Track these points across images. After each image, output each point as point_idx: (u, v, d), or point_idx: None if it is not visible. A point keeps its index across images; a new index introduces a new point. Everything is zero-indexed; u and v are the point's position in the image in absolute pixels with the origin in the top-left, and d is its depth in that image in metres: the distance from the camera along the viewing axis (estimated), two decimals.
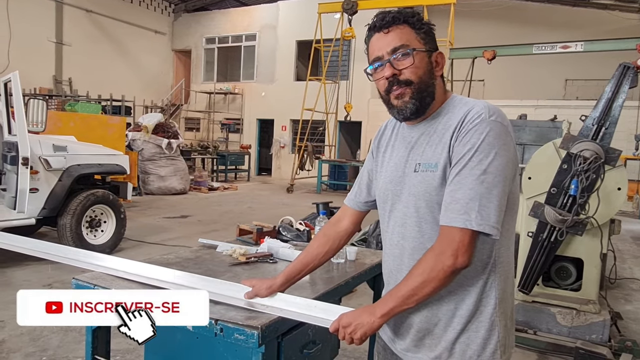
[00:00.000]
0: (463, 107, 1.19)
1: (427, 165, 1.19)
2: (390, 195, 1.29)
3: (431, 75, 1.22)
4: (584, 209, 3.23)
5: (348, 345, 1.19)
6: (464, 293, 1.18)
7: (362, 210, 1.48)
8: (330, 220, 1.55)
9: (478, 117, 1.13)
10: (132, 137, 10.75)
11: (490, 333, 1.19)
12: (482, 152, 1.10)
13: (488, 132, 1.11)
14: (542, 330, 3.46)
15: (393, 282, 1.29)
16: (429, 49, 1.21)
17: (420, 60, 1.20)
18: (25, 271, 4.70)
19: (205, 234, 6.63)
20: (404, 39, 1.19)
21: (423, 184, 1.19)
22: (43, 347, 3.11)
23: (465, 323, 1.19)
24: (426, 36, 1.22)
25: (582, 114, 3.59)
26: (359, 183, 1.47)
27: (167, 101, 19.33)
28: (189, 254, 2.15)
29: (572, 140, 3.29)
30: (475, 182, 1.09)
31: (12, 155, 4.62)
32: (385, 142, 1.37)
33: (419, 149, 1.23)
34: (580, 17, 15.72)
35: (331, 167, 13.96)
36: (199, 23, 19.71)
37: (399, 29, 1.20)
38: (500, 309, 1.20)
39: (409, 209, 1.23)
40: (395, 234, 1.27)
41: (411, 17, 1.21)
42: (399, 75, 1.19)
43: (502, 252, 1.20)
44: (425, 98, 1.21)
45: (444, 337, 1.21)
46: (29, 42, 13.96)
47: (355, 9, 12.41)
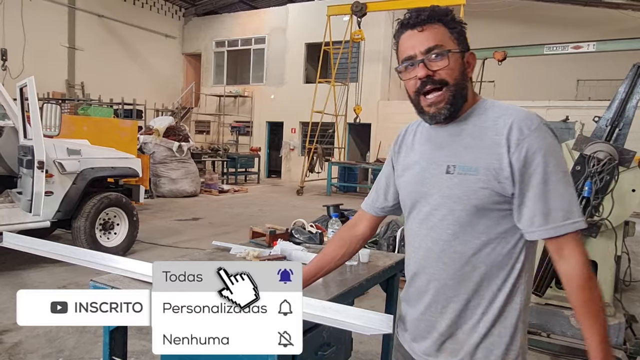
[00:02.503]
0: (499, 112, 1.18)
1: (465, 168, 1.16)
2: (416, 197, 1.26)
3: (464, 77, 1.20)
4: (598, 210, 3.21)
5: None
6: (492, 297, 1.18)
7: (379, 215, 1.47)
8: (347, 223, 1.54)
9: (530, 123, 1.13)
10: (144, 141, 10.85)
11: (513, 339, 1.19)
12: (553, 155, 1.12)
13: (551, 137, 1.14)
14: (556, 333, 3.43)
15: (416, 284, 1.28)
16: (462, 50, 1.19)
17: (455, 61, 1.17)
18: (40, 273, 4.77)
19: (217, 236, 6.67)
20: (439, 39, 1.16)
21: (460, 186, 1.17)
22: (59, 348, 3.15)
23: (489, 327, 1.18)
24: (459, 36, 1.19)
25: (595, 115, 3.56)
26: (376, 188, 1.46)
27: (177, 104, 19.48)
28: (203, 256, 2.18)
29: (585, 142, 3.26)
30: (564, 186, 1.12)
31: (28, 159, 4.69)
32: (407, 146, 1.34)
33: (451, 151, 1.20)
34: (592, 16, 15.58)
35: (341, 169, 13.96)
36: (209, 26, 19.84)
37: (434, 27, 1.17)
38: (524, 315, 1.20)
39: (440, 211, 1.20)
40: (422, 236, 1.25)
41: (445, 16, 1.18)
42: (433, 76, 1.16)
43: (529, 257, 1.21)
44: (459, 101, 1.19)
45: (467, 341, 1.20)
46: (42, 48, 14.16)
47: (364, 11, 12.42)
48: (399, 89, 16.84)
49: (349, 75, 14.24)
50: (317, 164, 13.80)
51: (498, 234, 1.17)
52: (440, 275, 1.21)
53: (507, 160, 1.12)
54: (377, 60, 15.62)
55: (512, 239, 1.17)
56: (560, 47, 9.53)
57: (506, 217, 1.16)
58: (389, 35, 16.06)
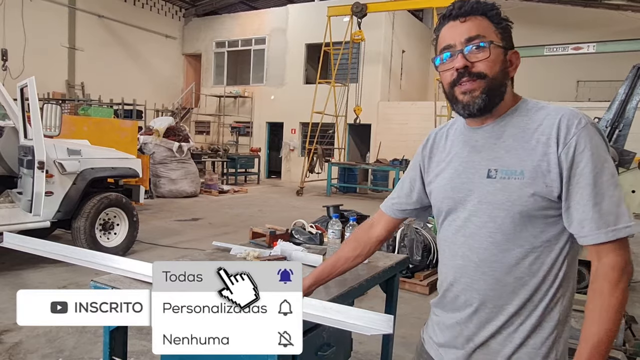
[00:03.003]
0: (545, 111, 1.12)
1: (509, 172, 1.10)
2: (451, 203, 1.20)
3: (505, 74, 1.13)
4: None
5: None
6: (533, 308, 1.12)
7: (398, 217, 1.43)
8: (363, 224, 1.51)
9: (578, 121, 1.06)
10: (144, 141, 10.85)
11: (550, 351, 1.13)
12: (601, 155, 1.05)
13: (596, 134, 1.07)
14: None
15: (452, 294, 1.22)
16: (506, 46, 1.13)
17: (497, 55, 1.11)
18: (40, 273, 4.77)
19: (217, 236, 6.66)
20: (481, 30, 1.11)
21: (504, 192, 1.10)
22: (59, 348, 3.15)
23: (524, 338, 1.12)
24: (504, 32, 1.14)
25: (595, 116, 3.57)
26: (399, 190, 1.41)
27: (177, 105, 19.49)
28: (204, 256, 2.18)
29: None
30: (614, 187, 1.05)
31: (29, 159, 4.69)
32: (439, 149, 1.28)
33: (491, 154, 1.14)
34: (592, 17, 15.60)
35: (341, 170, 13.97)
36: (209, 27, 19.86)
37: (477, 19, 1.11)
38: (563, 326, 1.14)
39: (480, 218, 1.14)
40: (459, 244, 1.18)
41: (490, 10, 1.13)
42: (471, 68, 1.10)
43: (572, 266, 1.15)
44: (496, 97, 1.12)
45: (501, 352, 1.14)
46: (42, 48, 14.16)
47: (364, 12, 12.44)
48: (399, 90, 16.87)
49: (349, 76, 14.25)
50: (317, 164, 13.80)
51: (542, 243, 1.10)
52: (480, 285, 1.15)
53: (555, 161, 1.06)
54: (377, 61, 15.63)
55: (556, 247, 1.11)
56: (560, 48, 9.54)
57: (551, 225, 1.10)
58: (389, 36, 16.08)
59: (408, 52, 17.52)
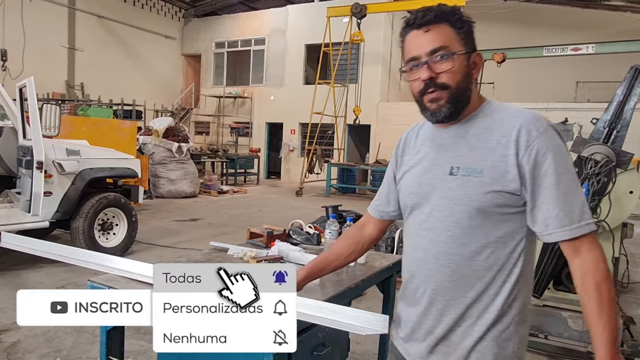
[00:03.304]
0: (506, 113, 1.17)
1: (470, 170, 1.15)
2: (417, 198, 1.25)
3: (468, 79, 1.18)
4: (596, 212, 3.22)
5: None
6: (490, 301, 1.17)
7: (384, 219, 1.46)
8: (357, 223, 1.54)
9: (539, 125, 1.12)
10: (143, 141, 10.85)
11: (508, 343, 1.17)
12: (562, 156, 1.12)
13: (555, 137, 1.13)
14: (553, 334, 3.44)
15: (413, 285, 1.27)
16: (469, 51, 1.17)
17: (460, 64, 1.15)
18: (38, 273, 4.77)
19: (215, 237, 6.67)
20: (444, 40, 1.14)
21: (463, 188, 1.16)
22: (57, 348, 3.16)
23: (484, 331, 1.16)
24: (466, 36, 1.17)
25: (593, 117, 3.58)
26: (380, 193, 1.45)
27: (177, 105, 19.49)
28: (201, 256, 2.18)
29: (583, 144, 3.28)
30: (576, 186, 1.12)
31: (27, 160, 4.70)
32: (410, 148, 1.33)
33: (455, 152, 1.19)
34: (591, 18, 15.62)
35: (340, 171, 13.98)
36: (209, 28, 19.86)
37: (440, 27, 1.15)
38: (521, 319, 1.19)
39: (441, 212, 1.19)
40: (420, 237, 1.24)
41: (452, 16, 1.16)
42: (436, 79, 1.15)
43: (528, 261, 1.19)
44: (461, 102, 1.17)
45: (461, 345, 1.18)
46: (42, 48, 14.17)
47: (364, 13, 12.45)
48: (399, 91, 16.87)
49: (348, 76, 14.26)
50: (316, 165, 13.81)
51: (498, 238, 1.15)
52: (437, 277, 1.20)
53: (514, 162, 1.11)
54: (376, 62, 15.64)
55: (511, 242, 1.16)
56: (559, 49, 9.54)
57: (506, 222, 1.15)
58: (388, 36, 16.09)
59: None
